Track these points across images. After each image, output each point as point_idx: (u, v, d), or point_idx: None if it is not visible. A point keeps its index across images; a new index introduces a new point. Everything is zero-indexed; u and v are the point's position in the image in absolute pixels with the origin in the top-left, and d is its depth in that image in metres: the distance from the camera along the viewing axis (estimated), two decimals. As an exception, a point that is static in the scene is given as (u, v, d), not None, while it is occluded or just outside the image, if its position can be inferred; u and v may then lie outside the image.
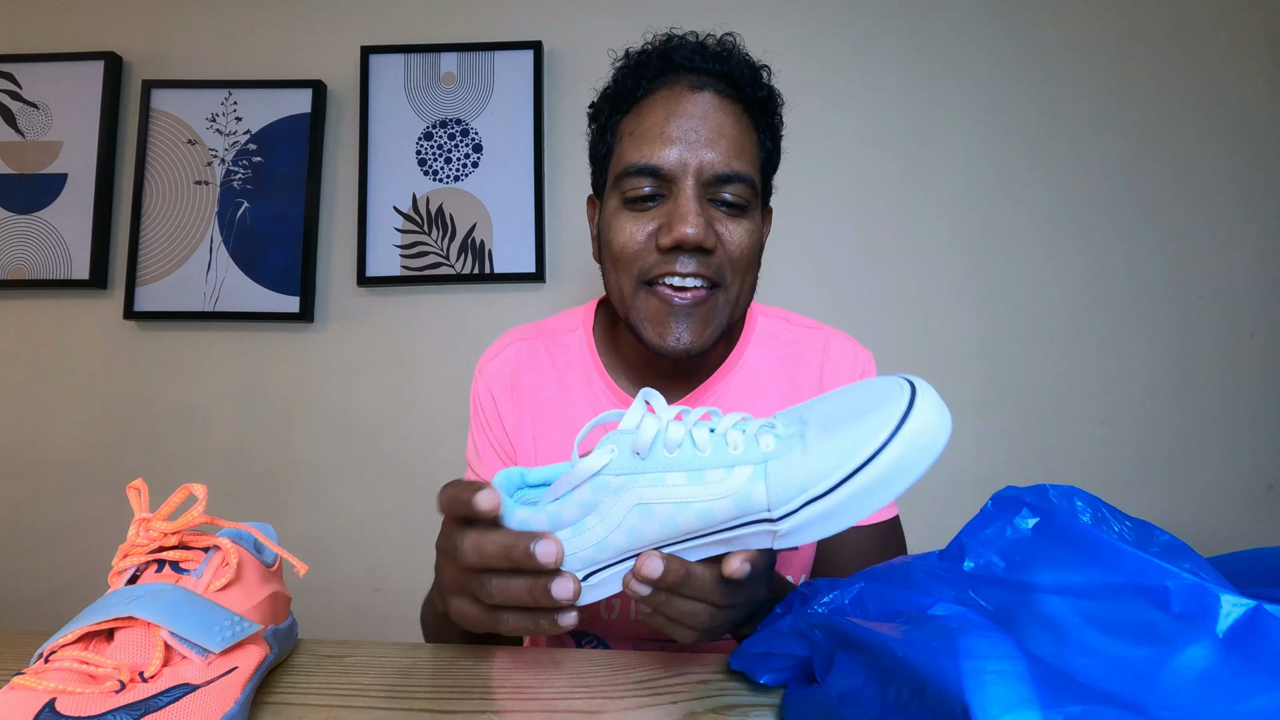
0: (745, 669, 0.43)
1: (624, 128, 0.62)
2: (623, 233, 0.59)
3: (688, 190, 0.56)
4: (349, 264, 1.34)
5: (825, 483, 0.34)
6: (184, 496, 0.40)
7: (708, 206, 0.58)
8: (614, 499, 0.37)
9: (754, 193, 0.59)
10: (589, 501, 0.37)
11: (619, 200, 0.60)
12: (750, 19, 1.32)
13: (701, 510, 0.36)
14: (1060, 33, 1.32)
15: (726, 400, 0.67)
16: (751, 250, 0.59)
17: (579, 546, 0.37)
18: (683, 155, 0.56)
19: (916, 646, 0.28)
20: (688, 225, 0.55)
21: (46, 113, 1.34)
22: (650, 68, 0.61)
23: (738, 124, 0.59)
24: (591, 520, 0.37)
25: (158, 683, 0.32)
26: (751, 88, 0.60)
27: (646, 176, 0.57)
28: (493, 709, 0.40)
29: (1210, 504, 1.26)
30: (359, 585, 1.30)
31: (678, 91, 0.59)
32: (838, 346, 0.70)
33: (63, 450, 1.33)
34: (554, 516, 0.38)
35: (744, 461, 0.36)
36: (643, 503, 0.37)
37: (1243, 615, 0.25)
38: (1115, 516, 0.35)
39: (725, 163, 0.57)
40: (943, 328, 1.30)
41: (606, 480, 0.37)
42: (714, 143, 0.57)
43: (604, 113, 0.65)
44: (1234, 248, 1.29)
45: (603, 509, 0.37)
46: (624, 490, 0.37)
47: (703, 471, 0.36)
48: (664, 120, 0.58)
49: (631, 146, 0.59)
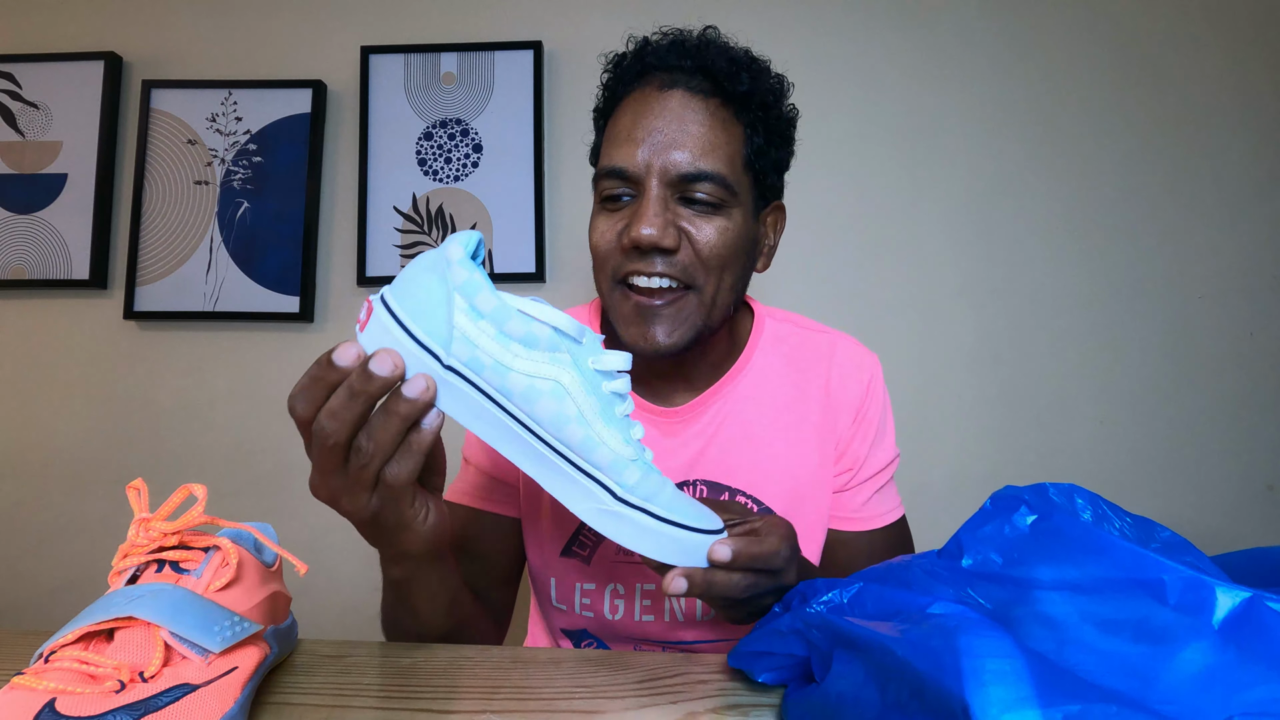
0: (744, 668, 0.43)
1: (605, 131, 0.63)
2: (595, 231, 0.60)
3: (651, 191, 0.56)
4: (349, 264, 1.34)
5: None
6: (184, 496, 0.40)
7: (675, 206, 0.57)
8: (550, 358, 0.38)
9: (728, 191, 0.58)
10: (540, 340, 0.38)
11: (597, 201, 0.62)
12: (750, 20, 1.32)
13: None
14: (1060, 33, 1.32)
15: (735, 402, 0.67)
16: (725, 249, 0.58)
17: (494, 350, 0.38)
18: (647, 156, 0.57)
19: (915, 646, 0.28)
20: (644, 225, 0.55)
21: (46, 113, 1.34)
22: (629, 70, 0.62)
23: (710, 119, 0.58)
24: (518, 350, 0.38)
25: (158, 683, 0.32)
26: (730, 81, 0.58)
27: (616, 178, 0.58)
28: (493, 709, 0.40)
29: (1210, 504, 1.26)
30: (359, 585, 1.30)
31: (647, 93, 0.59)
32: (844, 350, 0.70)
33: (63, 450, 1.33)
34: (502, 310, 0.38)
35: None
36: (557, 384, 0.38)
37: (1239, 606, 0.25)
38: (1116, 514, 0.35)
39: (691, 162, 0.56)
40: (943, 328, 1.30)
41: (566, 345, 0.39)
42: (679, 142, 0.56)
43: (596, 116, 0.66)
44: (1234, 248, 1.29)
45: (534, 355, 0.38)
46: (562, 365, 0.39)
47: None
48: (631, 122, 0.58)
49: (605, 149, 0.61)
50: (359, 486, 0.39)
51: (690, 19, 0.70)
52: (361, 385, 0.36)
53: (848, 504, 0.68)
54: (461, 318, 0.37)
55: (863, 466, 0.67)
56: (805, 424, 0.67)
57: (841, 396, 0.68)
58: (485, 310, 0.38)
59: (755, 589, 0.45)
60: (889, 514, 0.68)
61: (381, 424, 0.37)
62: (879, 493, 0.68)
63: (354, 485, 0.39)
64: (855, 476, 0.67)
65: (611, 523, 0.41)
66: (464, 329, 0.37)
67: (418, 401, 0.36)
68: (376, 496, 0.40)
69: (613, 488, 0.40)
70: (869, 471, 0.68)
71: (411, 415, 0.37)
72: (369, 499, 0.40)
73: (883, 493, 0.69)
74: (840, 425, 0.67)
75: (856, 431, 0.67)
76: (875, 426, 0.68)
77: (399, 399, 0.37)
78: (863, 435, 0.68)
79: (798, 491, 0.66)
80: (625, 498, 0.40)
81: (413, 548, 0.45)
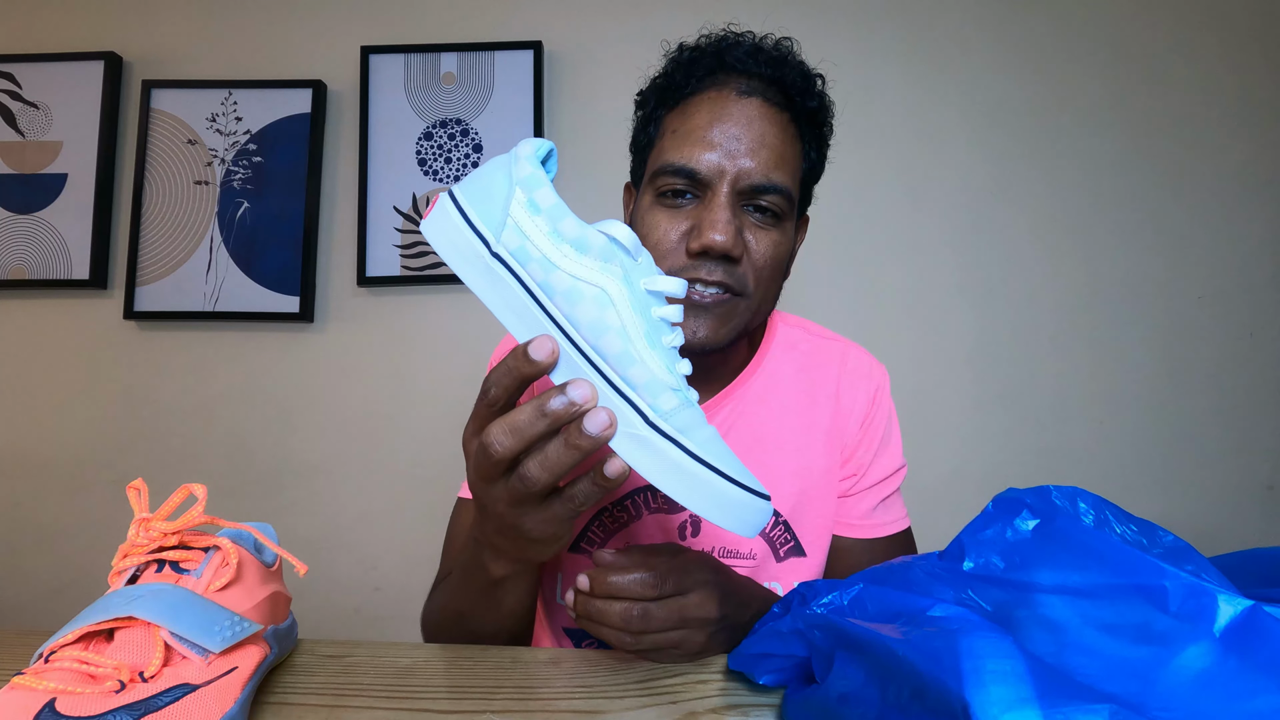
0: (744, 669, 0.43)
1: (668, 123, 0.61)
2: (657, 229, 0.59)
3: (721, 197, 0.56)
4: (349, 264, 1.34)
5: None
6: (184, 496, 0.40)
7: (740, 213, 0.57)
8: (601, 266, 0.37)
9: (789, 204, 0.58)
10: (594, 246, 0.37)
11: (653, 195, 0.60)
12: (749, 20, 1.32)
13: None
14: (1060, 34, 1.32)
15: (746, 404, 0.67)
16: (777, 261, 0.59)
17: (544, 245, 0.37)
18: (721, 161, 0.56)
19: (916, 647, 0.28)
20: (717, 233, 0.54)
21: (46, 113, 1.34)
22: (702, 65, 0.60)
23: (783, 134, 0.58)
24: (568, 251, 0.37)
25: (158, 683, 0.32)
26: (802, 97, 0.59)
27: (683, 177, 0.57)
28: (493, 709, 0.40)
29: (1210, 504, 1.26)
30: (359, 585, 1.30)
31: (725, 94, 0.58)
32: (855, 359, 0.71)
33: (63, 450, 1.33)
34: (559, 208, 0.38)
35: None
36: (603, 291, 0.37)
37: (1240, 615, 0.25)
38: (1119, 518, 0.35)
39: (763, 173, 0.56)
40: (943, 328, 1.30)
41: (620, 258, 0.38)
42: (755, 152, 0.56)
43: (650, 103, 0.64)
44: (1232, 248, 1.29)
45: (585, 260, 0.37)
46: (613, 275, 0.38)
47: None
48: (708, 123, 0.57)
49: (672, 144, 0.59)
50: (520, 504, 0.38)
51: (691, 19, 0.70)
52: (524, 369, 0.35)
53: (852, 510, 0.68)
54: (518, 209, 0.38)
55: (867, 473, 0.68)
56: (815, 428, 0.67)
57: (849, 403, 0.68)
58: (543, 206, 0.38)
59: (646, 623, 0.44)
60: (894, 524, 0.69)
61: (557, 455, 0.35)
62: (884, 502, 0.69)
63: (514, 500, 0.37)
64: (859, 482, 0.68)
65: (637, 450, 0.36)
66: (518, 219, 0.37)
67: (598, 439, 0.34)
68: (544, 511, 0.38)
69: (644, 410, 0.36)
70: (873, 479, 0.68)
71: (590, 449, 0.35)
72: (525, 514, 0.38)
73: (888, 502, 0.69)
74: (848, 431, 0.68)
75: (863, 438, 0.68)
76: (880, 434, 0.69)
77: (580, 434, 0.34)
78: (868, 443, 0.68)
79: (805, 494, 0.66)
80: (657, 423, 0.36)
81: (539, 557, 0.43)
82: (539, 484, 0.36)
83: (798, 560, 0.66)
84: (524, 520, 0.39)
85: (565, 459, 0.35)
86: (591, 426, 0.34)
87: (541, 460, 0.36)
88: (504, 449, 0.35)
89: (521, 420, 0.35)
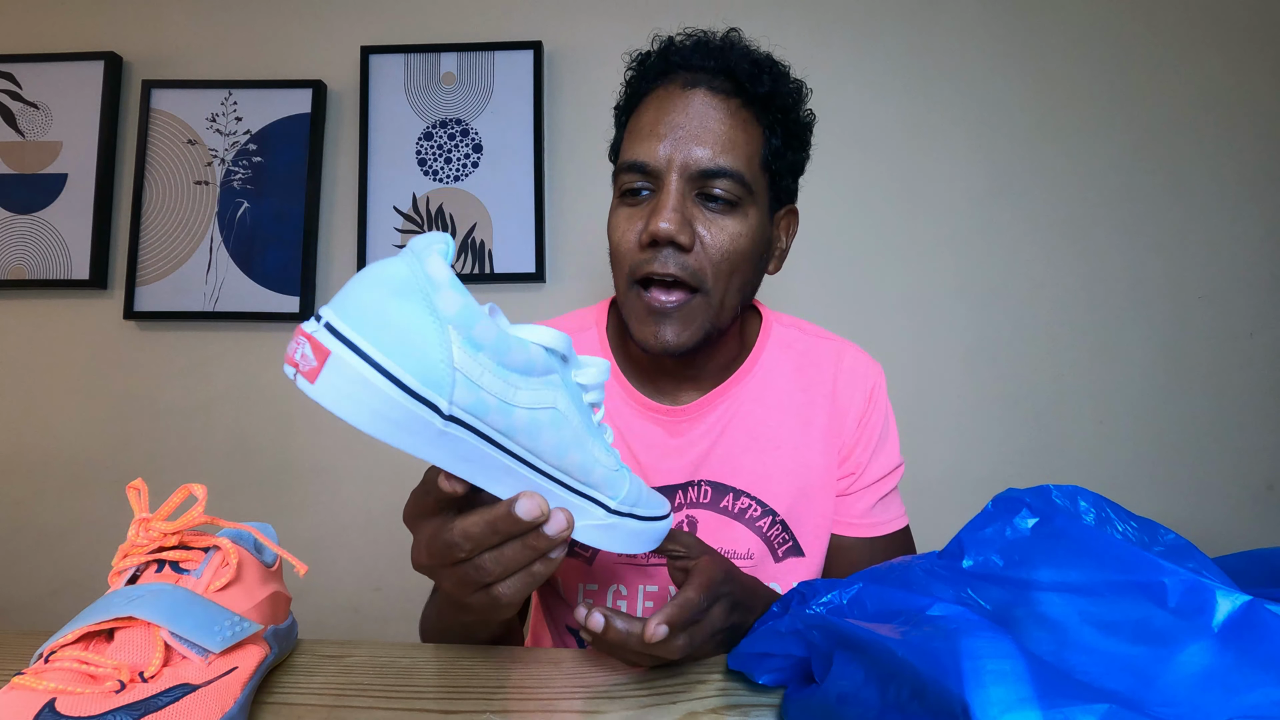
0: (743, 669, 0.43)
1: (627, 126, 0.64)
2: (616, 229, 0.61)
3: (670, 185, 0.57)
4: (349, 264, 1.34)
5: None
6: (184, 496, 0.40)
7: (692, 204, 0.58)
8: (544, 382, 0.34)
9: (745, 189, 0.58)
10: (536, 363, 0.34)
11: (617, 196, 0.62)
12: (749, 20, 1.32)
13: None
14: (1059, 34, 1.32)
15: (742, 403, 0.67)
16: (736, 252, 0.59)
17: (496, 388, 0.32)
18: (668, 151, 0.57)
19: (916, 647, 0.28)
20: (662, 219, 0.56)
21: (46, 113, 1.34)
22: (652, 68, 0.63)
23: (731, 118, 0.59)
24: (518, 381, 0.33)
25: (158, 683, 0.32)
26: (751, 82, 0.60)
27: (636, 172, 0.59)
28: (493, 709, 0.40)
29: (1210, 504, 1.26)
30: (359, 585, 1.30)
31: (671, 90, 0.60)
32: (850, 357, 0.71)
33: (63, 450, 1.33)
34: (502, 339, 0.32)
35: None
36: (554, 410, 0.35)
37: (1238, 610, 0.25)
38: (1119, 516, 0.35)
39: (711, 158, 0.57)
40: (943, 328, 1.30)
41: (556, 365, 0.35)
42: (698, 137, 0.57)
43: (617, 112, 0.67)
44: (1232, 247, 1.29)
45: (532, 382, 0.34)
46: (555, 387, 0.35)
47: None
48: (655, 118, 0.59)
49: (627, 144, 0.62)
50: (467, 586, 0.38)
51: (690, 19, 0.70)
52: (508, 526, 0.34)
53: (850, 509, 0.68)
54: (461, 355, 0.30)
55: (864, 472, 0.68)
56: (811, 427, 0.67)
57: (846, 402, 0.68)
58: (485, 342, 0.31)
59: (700, 633, 0.44)
60: (892, 522, 0.69)
61: (514, 554, 0.36)
62: (882, 500, 0.69)
63: (462, 583, 0.38)
64: (857, 481, 0.68)
65: (604, 535, 0.40)
66: (464, 369, 0.30)
67: (555, 540, 0.35)
68: (481, 595, 0.39)
69: (606, 503, 0.39)
70: (871, 478, 0.68)
71: (546, 550, 0.36)
72: (472, 593, 0.39)
73: (885, 501, 0.69)
74: (845, 430, 0.68)
75: (859, 437, 0.68)
76: (877, 433, 0.69)
77: (540, 536, 0.35)
78: (865, 441, 0.68)
79: (802, 493, 0.66)
80: (617, 509, 0.40)
81: (499, 617, 0.43)
82: (492, 577, 0.36)
83: (796, 560, 0.66)
84: (474, 598, 0.39)
85: (521, 558, 0.36)
86: (551, 529, 0.35)
87: (497, 557, 0.36)
88: (464, 553, 0.36)
89: (477, 534, 0.35)
